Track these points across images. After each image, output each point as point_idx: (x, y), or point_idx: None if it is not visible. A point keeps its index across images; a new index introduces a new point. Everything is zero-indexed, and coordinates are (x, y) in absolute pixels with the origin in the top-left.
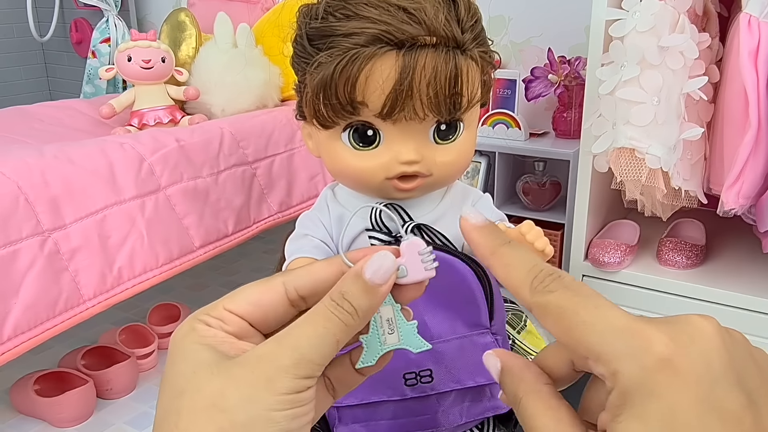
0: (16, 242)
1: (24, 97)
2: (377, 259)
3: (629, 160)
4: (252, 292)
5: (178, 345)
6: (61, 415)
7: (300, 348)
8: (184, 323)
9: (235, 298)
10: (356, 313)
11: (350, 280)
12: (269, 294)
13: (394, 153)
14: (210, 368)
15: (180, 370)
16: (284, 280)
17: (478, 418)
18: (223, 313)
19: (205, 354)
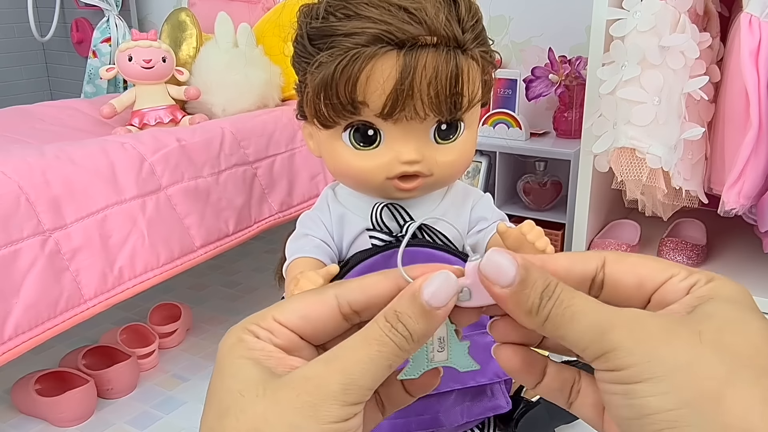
0: (17, 242)
1: (25, 97)
2: (437, 280)
3: (630, 159)
4: (303, 305)
5: (225, 357)
6: (61, 415)
7: (350, 373)
8: (232, 332)
9: (285, 309)
10: (411, 338)
11: (407, 301)
12: (321, 307)
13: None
14: (256, 388)
15: (227, 386)
16: (337, 294)
17: (479, 418)
18: (272, 325)
19: (253, 371)
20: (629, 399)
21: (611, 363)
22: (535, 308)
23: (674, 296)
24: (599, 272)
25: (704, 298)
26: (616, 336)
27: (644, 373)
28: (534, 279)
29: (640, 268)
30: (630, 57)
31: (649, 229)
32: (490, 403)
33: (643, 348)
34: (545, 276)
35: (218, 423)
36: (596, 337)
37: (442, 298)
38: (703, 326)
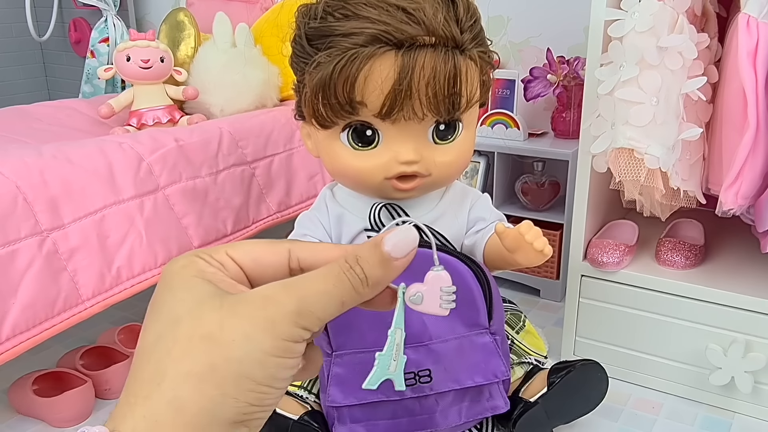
0: (15, 242)
1: (22, 97)
2: (399, 233)
3: (628, 160)
4: (257, 248)
5: (177, 273)
6: (59, 415)
7: (306, 298)
8: (182, 256)
9: (239, 248)
10: (366, 282)
11: (368, 248)
12: (273, 255)
13: (393, 153)
14: (213, 300)
15: (181, 297)
16: (291, 248)
17: (477, 418)
18: (224, 258)
19: (208, 287)
20: None
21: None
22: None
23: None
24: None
25: None
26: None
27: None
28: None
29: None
30: (628, 57)
31: (647, 230)
32: (488, 403)
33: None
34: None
35: (169, 329)
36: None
37: (402, 250)
38: None
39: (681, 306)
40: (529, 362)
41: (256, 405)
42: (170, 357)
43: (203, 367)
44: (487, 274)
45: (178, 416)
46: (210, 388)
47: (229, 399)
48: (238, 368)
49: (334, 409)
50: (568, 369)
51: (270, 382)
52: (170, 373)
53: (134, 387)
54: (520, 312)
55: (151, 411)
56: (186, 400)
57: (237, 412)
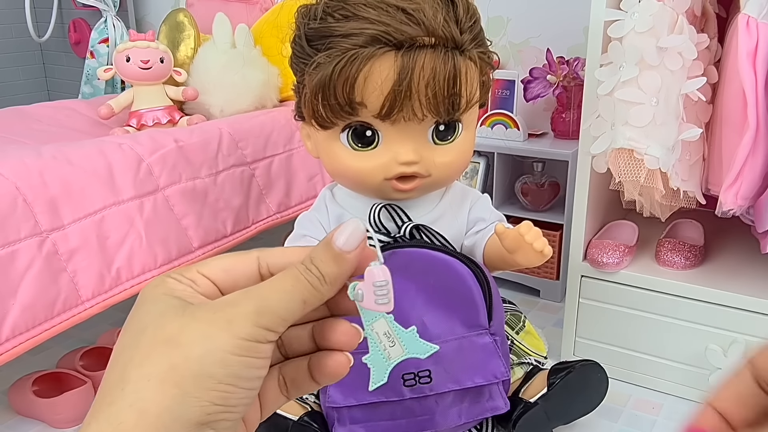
0: (15, 243)
1: (22, 98)
2: (347, 228)
3: (628, 160)
4: (226, 260)
5: (147, 294)
6: (59, 416)
7: (266, 299)
8: (156, 279)
9: (209, 263)
10: (324, 279)
11: (321, 247)
12: (242, 264)
13: (392, 153)
14: (176, 310)
15: (146, 310)
16: (259, 255)
17: (477, 419)
18: (195, 275)
19: (174, 301)
20: None
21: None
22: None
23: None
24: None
25: None
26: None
27: None
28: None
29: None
30: (628, 58)
31: (647, 230)
32: (488, 404)
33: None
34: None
35: (134, 339)
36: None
37: (352, 244)
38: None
39: (681, 306)
40: (529, 363)
41: (220, 404)
42: (133, 363)
43: (164, 368)
44: (487, 274)
45: (141, 418)
46: (170, 387)
47: (191, 398)
48: (198, 367)
49: (334, 409)
50: (568, 369)
51: (233, 381)
52: (133, 377)
53: (100, 396)
54: (520, 312)
55: (115, 415)
56: (148, 401)
57: (200, 411)
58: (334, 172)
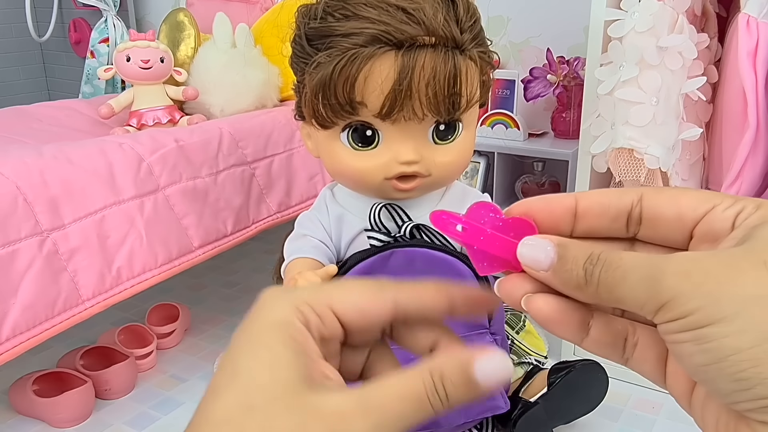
0: (15, 242)
1: (22, 97)
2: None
3: (628, 160)
4: (363, 299)
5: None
6: (59, 416)
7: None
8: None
9: (346, 299)
10: (447, 404)
11: (456, 368)
12: (379, 306)
13: (393, 153)
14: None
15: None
16: (396, 298)
17: (478, 418)
18: (326, 313)
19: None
20: (702, 344)
21: (673, 312)
22: (582, 281)
23: (720, 226)
24: (636, 207)
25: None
26: (671, 282)
27: (713, 314)
28: (573, 254)
29: (680, 199)
30: (628, 57)
31: None
32: (489, 403)
33: (704, 289)
34: (584, 247)
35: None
36: (651, 289)
37: (493, 382)
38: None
39: None
40: (529, 362)
41: None
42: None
43: None
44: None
45: None
46: None
47: None
48: None
49: None
50: (568, 369)
51: None
52: None
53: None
54: (521, 312)
55: None
56: None
57: None
58: (334, 171)
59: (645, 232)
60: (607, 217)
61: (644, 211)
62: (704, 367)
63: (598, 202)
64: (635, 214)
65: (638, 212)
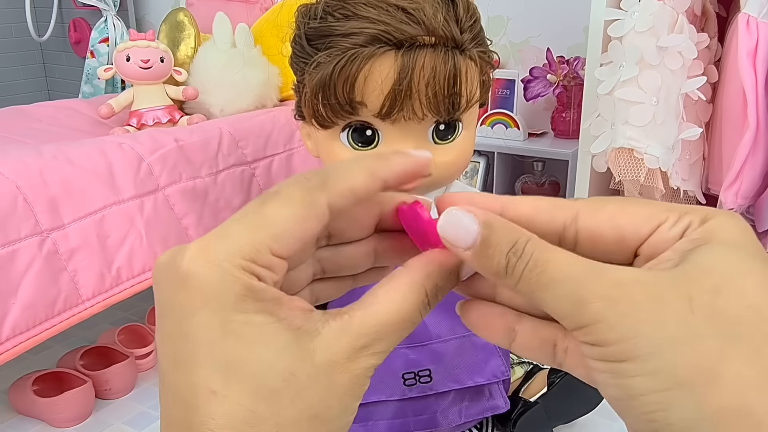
0: (15, 242)
1: (22, 97)
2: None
3: (628, 160)
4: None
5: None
6: (59, 415)
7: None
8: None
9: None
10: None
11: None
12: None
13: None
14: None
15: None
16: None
17: (477, 418)
18: (271, 261)
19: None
20: (616, 378)
21: (593, 337)
22: (502, 269)
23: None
24: (569, 227)
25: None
26: (596, 308)
27: (630, 351)
28: (498, 238)
29: (620, 219)
30: (628, 57)
31: None
32: (488, 403)
33: (627, 322)
34: (512, 233)
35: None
36: (574, 308)
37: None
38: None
39: None
40: (529, 362)
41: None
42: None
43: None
44: None
45: None
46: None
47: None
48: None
49: None
50: None
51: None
52: None
53: None
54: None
55: None
56: None
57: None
58: None
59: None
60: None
61: (580, 232)
62: (617, 400)
63: (525, 217)
64: (570, 235)
65: (573, 233)
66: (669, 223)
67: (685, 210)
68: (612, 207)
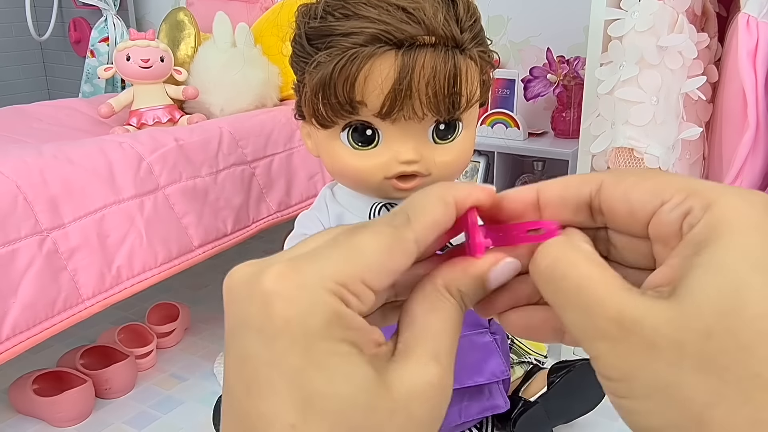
0: (15, 241)
1: (22, 97)
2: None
3: (628, 159)
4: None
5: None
6: (59, 415)
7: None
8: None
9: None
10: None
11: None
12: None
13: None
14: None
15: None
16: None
17: (477, 418)
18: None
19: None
20: (618, 409)
21: (599, 369)
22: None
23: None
24: (594, 198)
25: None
26: (598, 346)
27: (628, 390)
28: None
29: (632, 194)
30: (628, 57)
31: None
32: (488, 402)
33: (625, 366)
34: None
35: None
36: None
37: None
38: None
39: None
40: (529, 362)
41: None
42: None
43: None
44: None
45: None
46: None
47: None
48: None
49: None
50: (568, 368)
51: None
52: None
53: None
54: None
55: None
56: None
57: None
58: (334, 171)
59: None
60: (568, 209)
61: (602, 204)
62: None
63: (558, 194)
64: (595, 206)
65: (597, 204)
66: (671, 203)
67: (693, 189)
68: (630, 180)
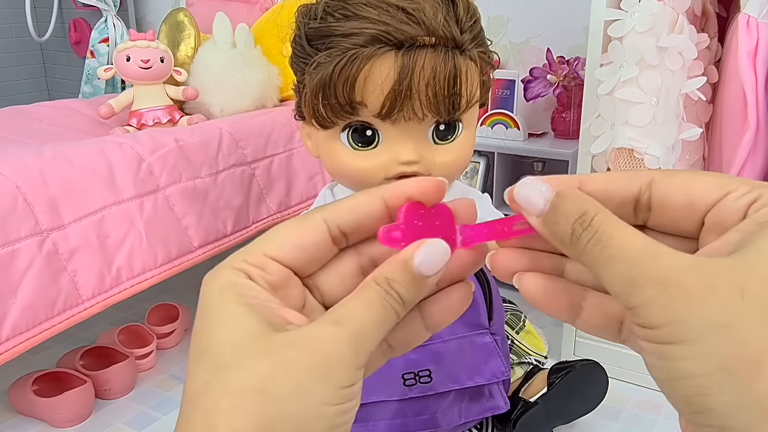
0: (15, 242)
1: (22, 97)
2: (427, 249)
3: (628, 160)
4: (293, 234)
5: (216, 301)
6: (59, 416)
7: (361, 334)
8: (219, 271)
9: (276, 241)
10: (403, 305)
11: (398, 269)
12: (312, 235)
13: (393, 153)
14: (258, 343)
15: (221, 339)
16: (325, 218)
17: (477, 418)
18: (264, 261)
19: (251, 322)
20: (661, 360)
21: (643, 319)
22: (567, 237)
23: (730, 217)
24: (644, 192)
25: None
26: (648, 293)
27: (676, 334)
28: (567, 207)
29: (692, 185)
30: (628, 57)
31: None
32: (488, 403)
33: (676, 307)
34: (582, 204)
35: (217, 378)
36: (627, 289)
37: (433, 267)
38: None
39: None
40: (529, 362)
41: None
42: (219, 410)
43: (257, 423)
44: (488, 274)
45: None
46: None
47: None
48: (295, 424)
49: None
50: (568, 369)
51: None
52: (221, 428)
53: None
54: (520, 312)
55: None
56: None
57: None
58: (334, 171)
59: (655, 220)
60: (612, 203)
61: (653, 197)
62: (661, 381)
63: (603, 188)
64: (644, 201)
65: (647, 198)
66: (738, 192)
67: (758, 184)
68: (685, 174)
